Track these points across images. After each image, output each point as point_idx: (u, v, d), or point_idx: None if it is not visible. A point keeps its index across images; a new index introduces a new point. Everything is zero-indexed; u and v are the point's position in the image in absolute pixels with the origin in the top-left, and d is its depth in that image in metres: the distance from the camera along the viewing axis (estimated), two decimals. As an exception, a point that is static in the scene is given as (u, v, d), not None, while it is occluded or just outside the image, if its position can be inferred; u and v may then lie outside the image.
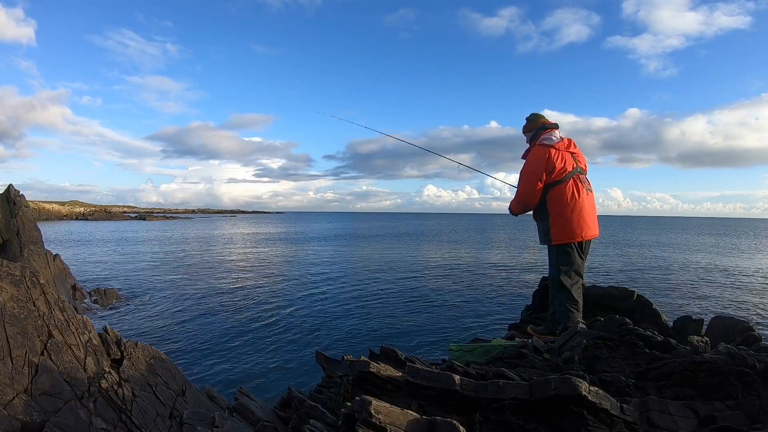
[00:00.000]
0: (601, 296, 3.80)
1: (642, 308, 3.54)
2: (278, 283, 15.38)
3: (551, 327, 3.48)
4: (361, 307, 11.55)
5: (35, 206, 73.42)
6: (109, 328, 2.88)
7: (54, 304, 2.54)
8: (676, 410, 1.82)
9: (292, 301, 12.29)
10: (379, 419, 1.51)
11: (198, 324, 9.67)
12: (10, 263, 2.53)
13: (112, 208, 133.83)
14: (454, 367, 2.28)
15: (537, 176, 3.37)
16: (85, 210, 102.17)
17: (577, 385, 1.72)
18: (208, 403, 3.00)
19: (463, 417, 1.84)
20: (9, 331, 2.18)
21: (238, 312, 10.87)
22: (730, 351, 2.11)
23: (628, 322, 2.71)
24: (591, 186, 3.53)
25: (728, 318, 3.33)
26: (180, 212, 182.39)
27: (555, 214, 3.37)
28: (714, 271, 19.36)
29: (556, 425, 1.74)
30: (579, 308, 3.34)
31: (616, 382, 2.06)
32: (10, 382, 2.03)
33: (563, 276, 3.36)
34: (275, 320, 10.06)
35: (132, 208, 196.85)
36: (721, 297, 13.16)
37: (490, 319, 10.24)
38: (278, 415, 2.76)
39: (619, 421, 1.73)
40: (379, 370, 2.05)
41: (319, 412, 2.20)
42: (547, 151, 3.35)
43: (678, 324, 3.40)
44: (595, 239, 3.55)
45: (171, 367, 3.00)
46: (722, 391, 1.94)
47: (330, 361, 3.11)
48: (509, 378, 2.04)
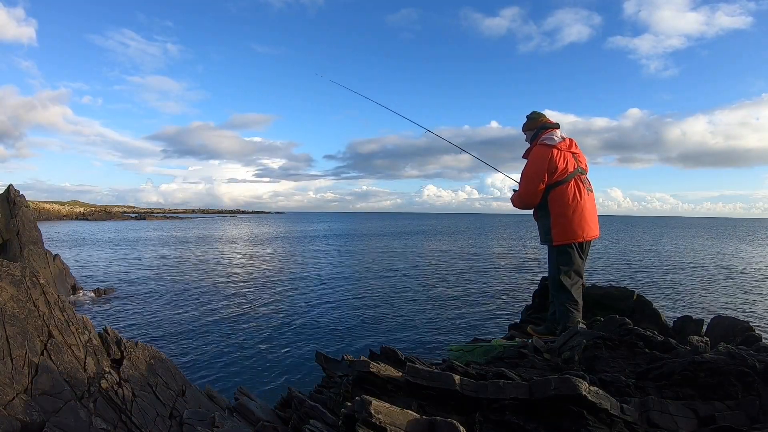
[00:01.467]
0: (601, 296, 3.80)
1: (642, 308, 3.53)
2: (278, 283, 15.38)
3: (551, 327, 3.48)
4: (361, 307, 11.55)
5: (35, 206, 73.43)
6: (109, 328, 2.88)
7: (54, 304, 2.54)
8: (676, 410, 1.82)
9: (292, 301, 12.29)
10: (379, 419, 1.51)
11: (198, 324, 9.67)
12: (10, 263, 2.53)
13: (112, 208, 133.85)
14: (454, 367, 2.28)
15: (539, 177, 3.34)
16: (85, 210, 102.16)
17: (577, 385, 1.72)
18: (208, 403, 3.00)
19: (463, 417, 1.84)
20: (9, 331, 2.18)
21: (237, 312, 10.87)
22: (730, 351, 2.11)
23: (628, 322, 2.71)
24: (591, 186, 3.53)
25: (728, 318, 3.33)
26: (180, 212, 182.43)
27: (556, 215, 3.36)
28: (714, 271, 19.36)
29: (556, 425, 1.74)
30: (579, 308, 3.34)
31: (616, 382, 2.06)
32: (10, 382, 2.03)
33: (563, 276, 3.35)
34: (275, 320, 10.06)
35: (132, 208, 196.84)
36: (721, 297, 13.16)
37: (490, 319, 10.24)
38: (278, 415, 2.76)
39: (619, 421, 1.73)
40: (379, 370, 2.05)
41: (319, 412, 2.20)
42: (549, 151, 3.32)
43: (678, 324, 3.40)
44: (595, 239, 3.55)
45: (171, 367, 2.99)
46: (722, 391, 1.94)
47: (330, 361, 3.11)
48: (509, 378, 2.03)
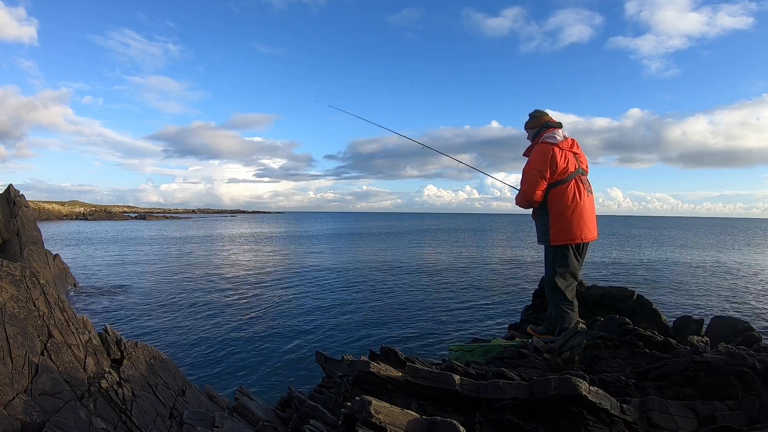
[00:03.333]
0: (601, 296, 3.80)
1: (642, 308, 3.53)
2: (278, 283, 15.38)
3: (551, 327, 3.48)
4: (361, 307, 11.55)
5: (35, 206, 73.43)
6: (109, 328, 2.88)
7: (54, 304, 2.54)
8: (676, 410, 1.82)
9: (292, 301, 12.29)
10: (379, 419, 1.51)
11: (198, 324, 9.67)
12: (10, 263, 2.53)
13: (113, 208, 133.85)
14: (454, 367, 2.28)
15: (541, 173, 3.32)
16: (85, 210, 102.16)
17: (577, 385, 1.72)
18: (208, 403, 3.00)
19: (463, 417, 1.84)
20: (9, 331, 2.18)
21: (238, 312, 10.87)
22: (730, 351, 2.11)
23: (628, 322, 2.71)
24: (591, 187, 3.52)
25: (728, 318, 3.34)
26: (180, 212, 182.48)
27: (555, 215, 3.35)
28: (714, 271, 19.36)
29: (556, 425, 1.74)
30: (574, 308, 3.33)
31: (616, 382, 2.06)
32: (10, 382, 2.03)
33: (558, 278, 3.35)
34: (275, 320, 10.06)
35: (132, 208, 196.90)
36: (721, 297, 13.15)
37: (490, 319, 10.24)
38: (278, 415, 2.76)
39: (619, 421, 1.73)
40: (379, 370, 2.05)
41: (319, 412, 2.20)
42: (551, 149, 3.31)
43: (678, 324, 3.41)
44: (593, 242, 3.54)
45: (171, 367, 2.99)
46: (722, 391, 1.94)
47: (330, 361, 3.11)
48: (509, 378, 2.04)
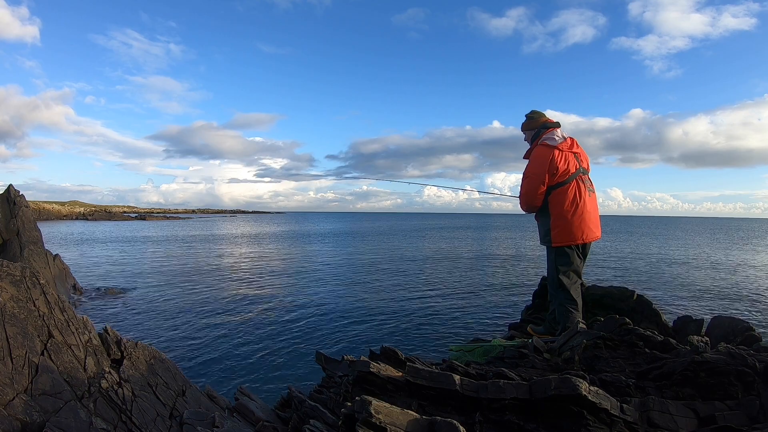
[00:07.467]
0: (601, 296, 3.80)
1: (642, 308, 3.53)
2: (278, 282, 15.38)
3: (551, 327, 3.48)
4: (361, 307, 11.55)
5: (35, 206, 73.44)
6: (109, 328, 2.88)
7: (54, 304, 2.54)
8: (676, 410, 1.82)
9: (292, 301, 12.28)
10: (379, 419, 1.51)
11: (198, 324, 9.67)
12: (10, 263, 2.53)
13: (113, 208, 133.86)
14: (454, 367, 2.28)
15: (540, 178, 3.31)
16: (85, 210, 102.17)
17: (577, 385, 1.72)
18: (208, 403, 3.00)
19: (463, 417, 1.84)
20: (9, 331, 2.18)
21: (237, 312, 10.87)
22: (730, 351, 2.11)
23: (628, 322, 2.71)
24: (593, 186, 3.50)
25: (728, 318, 3.33)
26: (180, 212, 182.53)
27: (556, 216, 3.34)
28: (714, 271, 19.35)
29: (556, 425, 1.74)
30: (578, 308, 3.33)
31: (616, 382, 2.06)
32: (10, 382, 2.03)
33: (562, 276, 3.34)
34: (275, 320, 10.06)
35: (132, 208, 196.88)
36: (721, 297, 13.15)
37: (490, 319, 10.24)
38: (278, 415, 2.76)
39: (619, 421, 1.73)
40: (379, 370, 2.05)
41: (319, 412, 2.20)
42: (550, 152, 3.29)
43: (678, 324, 3.41)
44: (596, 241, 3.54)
45: (171, 367, 2.99)
46: (722, 391, 1.94)
47: (330, 361, 3.11)
48: (509, 378, 2.03)
